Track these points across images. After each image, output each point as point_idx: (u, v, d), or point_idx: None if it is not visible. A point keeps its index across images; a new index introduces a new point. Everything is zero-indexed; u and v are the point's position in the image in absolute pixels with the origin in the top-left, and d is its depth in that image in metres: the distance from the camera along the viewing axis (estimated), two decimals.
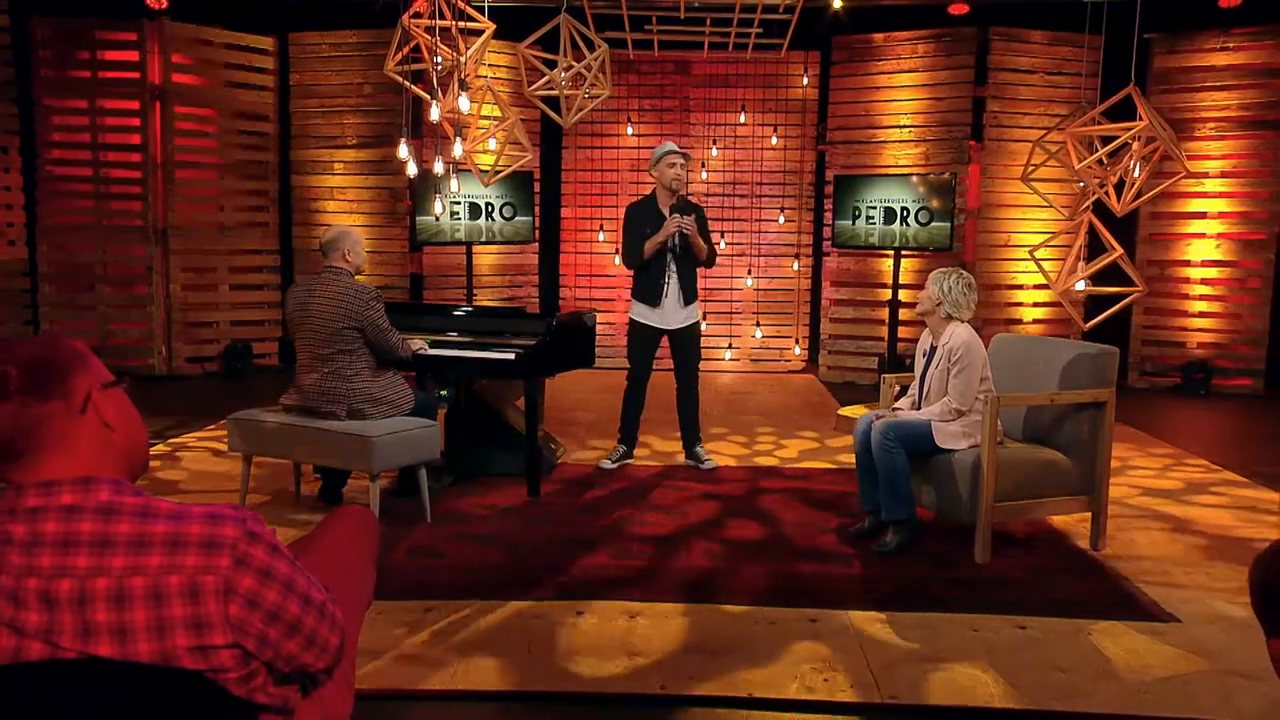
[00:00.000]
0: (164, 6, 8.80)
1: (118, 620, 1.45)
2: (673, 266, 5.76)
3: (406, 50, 6.09)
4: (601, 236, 9.92)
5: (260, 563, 1.53)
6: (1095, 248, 6.81)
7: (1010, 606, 3.79)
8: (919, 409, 4.53)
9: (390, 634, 3.43)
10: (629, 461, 5.92)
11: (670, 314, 5.80)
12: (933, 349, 4.53)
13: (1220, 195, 8.96)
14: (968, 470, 4.26)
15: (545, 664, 3.26)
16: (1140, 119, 5.52)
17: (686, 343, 5.88)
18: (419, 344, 4.96)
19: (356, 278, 4.70)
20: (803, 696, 3.05)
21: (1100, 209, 6.46)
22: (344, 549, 2.12)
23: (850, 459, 5.51)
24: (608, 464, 5.82)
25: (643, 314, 5.83)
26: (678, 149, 5.78)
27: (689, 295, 5.83)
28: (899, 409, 4.62)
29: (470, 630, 3.50)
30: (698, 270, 5.89)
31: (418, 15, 6.00)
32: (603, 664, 3.26)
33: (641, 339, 5.87)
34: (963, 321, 4.47)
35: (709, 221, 6.11)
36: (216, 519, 1.52)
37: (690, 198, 6.21)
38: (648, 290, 5.79)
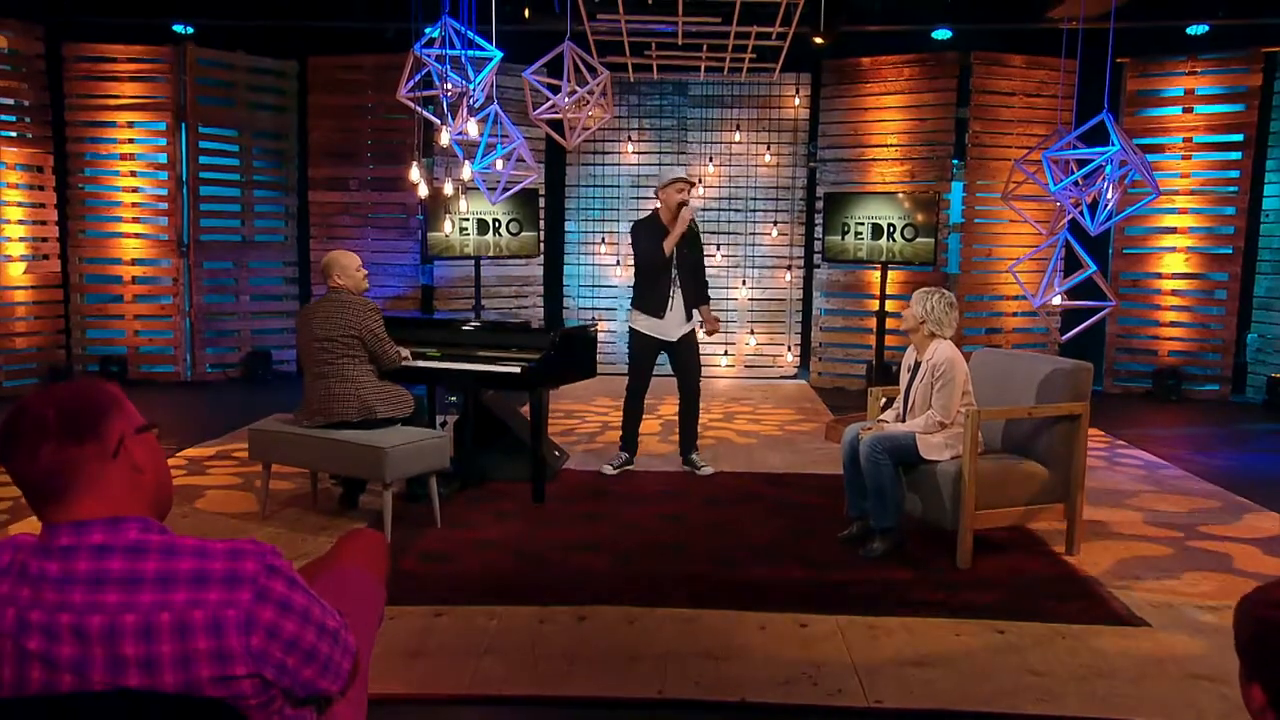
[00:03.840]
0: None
1: (145, 653, 1.46)
2: (677, 281, 5.78)
3: (418, 79, 6.09)
4: (603, 249, 9.93)
5: (280, 595, 1.54)
6: (1072, 263, 6.81)
7: (989, 611, 3.79)
8: (904, 421, 4.54)
9: (404, 638, 3.44)
10: (630, 467, 5.92)
11: (673, 326, 5.80)
12: (917, 364, 4.53)
13: (1189, 211, 8.98)
14: (950, 480, 4.26)
15: (550, 668, 3.26)
16: (1112, 143, 5.52)
17: (687, 352, 5.88)
18: (405, 353, 5.00)
19: (355, 294, 4.76)
20: (793, 701, 3.06)
21: (1076, 226, 6.46)
22: (356, 572, 2.13)
23: (839, 467, 5.51)
24: (609, 469, 5.83)
25: (645, 325, 5.82)
26: (687, 177, 5.80)
27: (689, 310, 5.85)
28: (884, 421, 4.63)
29: (479, 634, 3.51)
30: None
31: (429, 44, 6.00)
32: (604, 668, 3.27)
33: (642, 349, 5.86)
34: (945, 338, 4.47)
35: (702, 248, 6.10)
36: (238, 554, 1.53)
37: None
38: (653, 302, 5.78)
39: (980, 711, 3.01)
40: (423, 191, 5.92)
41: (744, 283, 9.89)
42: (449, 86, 5.91)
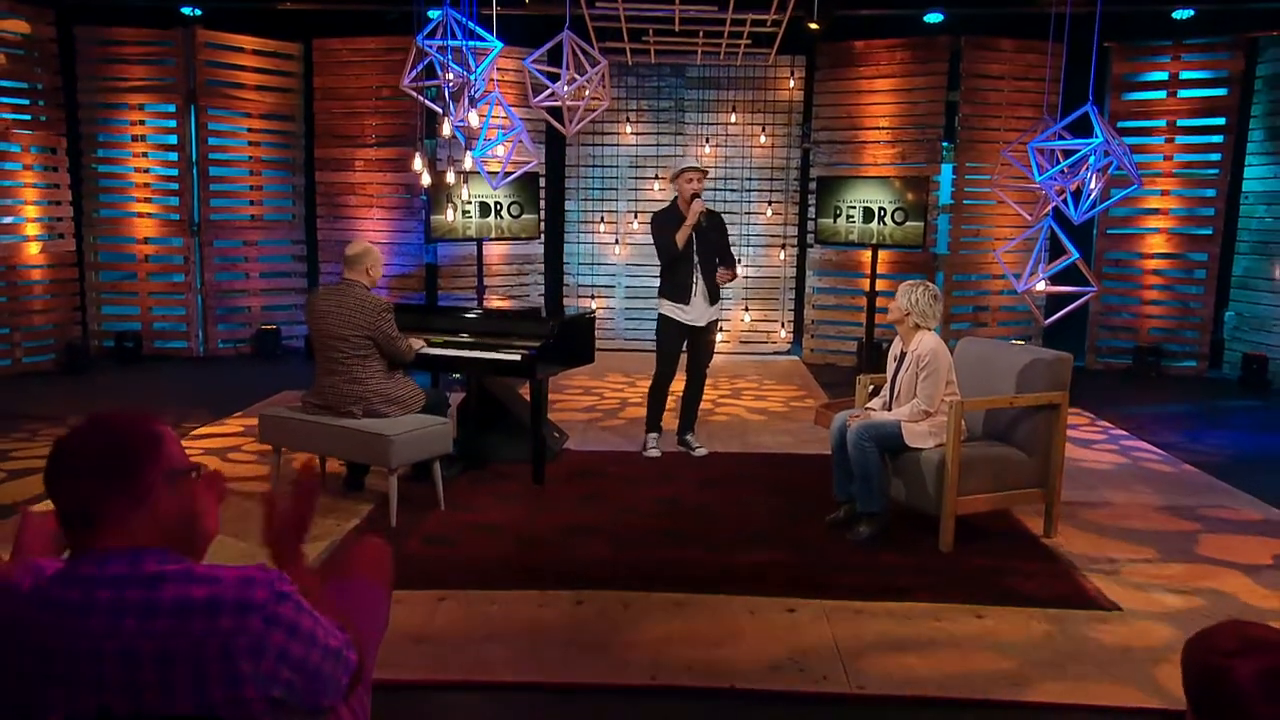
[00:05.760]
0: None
1: (162, 678, 1.50)
2: (699, 268, 5.77)
3: (420, 70, 6.06)
4: (602, 228, 9.91)
5: (288, 621, 1.58)
6: (1057, 248, 6.81)
7: (969, 595, 3.84)
8: (890, 409, 4.57)
9: (409, 623, 3.48)
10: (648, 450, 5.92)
11: (699, 312, 5.80)
12: (903, 355, 4.56)
13: (1171, 194, 8.97)
14: (934, 467, 4.30)
15: (549, 653, 3.32)
16: (1096, 135, 5.50)
17: (705, 338, 5.90)
18: (419, 343, 5.00)
19: (372, 291, 4.74)
20: (780, 688, 3.12)
21: (1060, 213, 6.46)
22: (362, 582, 2.17)
23: (828, 447, 5.54)
24: (655, 454, 5.84)
25: (673, 311, 5.79)
26: (697, 165, 5.78)
27: (714, 294, 5.85)
28: (871, 409, 4.66)
29: (480, 619, 3.56)
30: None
31: (431, 34, 5.96)
32: (600, 653, 3.32)
33: (670, 334, 5.83)
34: (929, 330, 4.50)
35: (727, 232, 6.09)
36: (248, 583, 1.57)
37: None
38: (678, 290, 5.76)
39: (956, 698, 3.07)
40: (426, 181, 5.90)
41: (739, 261, 9.83)
42: (450, 77, 5.88)
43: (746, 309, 9.95)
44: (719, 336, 9.74)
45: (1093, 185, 5.69)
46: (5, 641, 1.55)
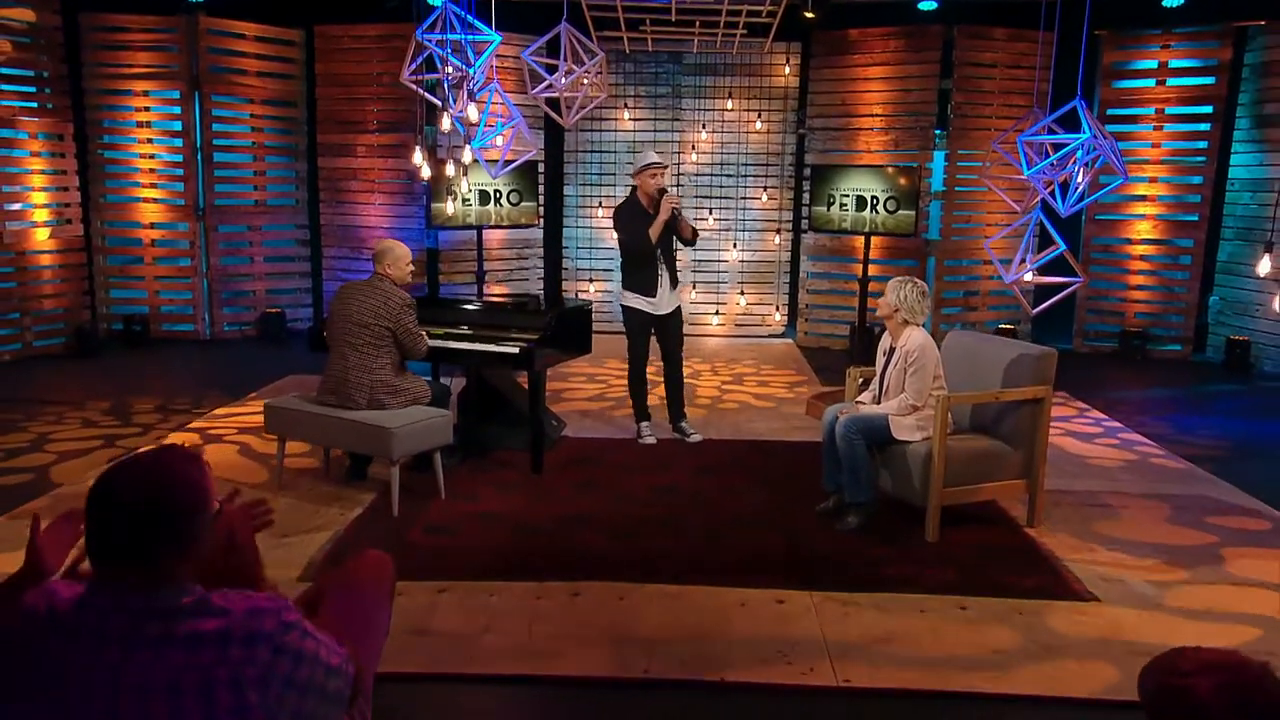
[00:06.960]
0: None
1: (173, 707, 1.53)
2: (663, 259, 5.77)
3: (420, 63, 6.03)
4: (600, 212, 9.90)
5: (294, 648, 1.61)
6: (1046, 237, 6.82)
7: (953, 586, 3.88)
8: (879, 403, 4.60)
9: (410, 616, 3.52)
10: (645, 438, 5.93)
11: (665, 301, 5.81)
12: (892, 350, 4.58)
13: (1159, 180, 8.96)
14: (920, 460, 4.34)
15: (545, 646, 3.36)
16: (1084, 130, 5.50)
17: (673, 326, 5.90)
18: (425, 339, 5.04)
19: (397, 287, 4.79)
20: (768, 680, 3.16)
21: (1048, 204, 6.45)
22: (363, 594, 2.20)
23: (819, 434, 5.56)
24: (652, 441, 5.84)
25: (640, 303, 5.79)
26: (659, 160, 5.76)
27: (674, 281, 5.87)
28: (861, 402, 4.69)
29: (480, 612, 3.60)
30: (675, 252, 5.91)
31: (431, 28, 5.93)
32: (595, 646, 3.37)
33: (637, 324, 5.83)
34: (918, 325, 4.52)
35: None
36: (256, 614, 1.60)
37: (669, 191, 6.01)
38: (645, 283, 5.75)
39: (939, 690, 3.12)
40: (426, 174, 5.90)
41: (735, 245, 9.88)
42: (450, 70, 5.86)
43: (742, 292, 9.96)
44: (716, 320, 9.87)
45: (1080, 179, 5.69)
46: (20, 664, 1.58)
